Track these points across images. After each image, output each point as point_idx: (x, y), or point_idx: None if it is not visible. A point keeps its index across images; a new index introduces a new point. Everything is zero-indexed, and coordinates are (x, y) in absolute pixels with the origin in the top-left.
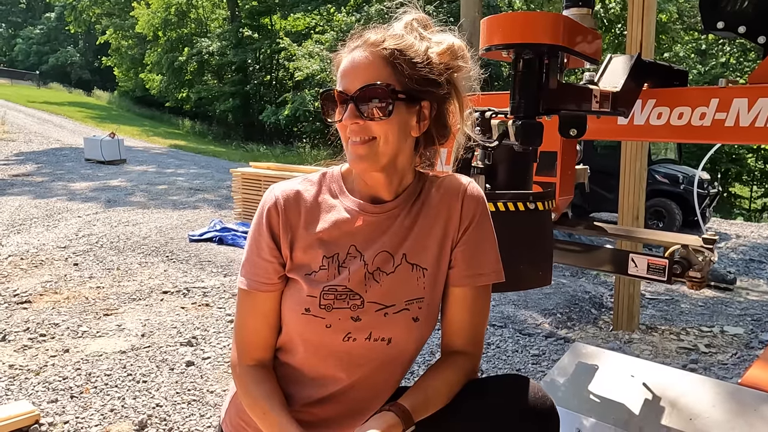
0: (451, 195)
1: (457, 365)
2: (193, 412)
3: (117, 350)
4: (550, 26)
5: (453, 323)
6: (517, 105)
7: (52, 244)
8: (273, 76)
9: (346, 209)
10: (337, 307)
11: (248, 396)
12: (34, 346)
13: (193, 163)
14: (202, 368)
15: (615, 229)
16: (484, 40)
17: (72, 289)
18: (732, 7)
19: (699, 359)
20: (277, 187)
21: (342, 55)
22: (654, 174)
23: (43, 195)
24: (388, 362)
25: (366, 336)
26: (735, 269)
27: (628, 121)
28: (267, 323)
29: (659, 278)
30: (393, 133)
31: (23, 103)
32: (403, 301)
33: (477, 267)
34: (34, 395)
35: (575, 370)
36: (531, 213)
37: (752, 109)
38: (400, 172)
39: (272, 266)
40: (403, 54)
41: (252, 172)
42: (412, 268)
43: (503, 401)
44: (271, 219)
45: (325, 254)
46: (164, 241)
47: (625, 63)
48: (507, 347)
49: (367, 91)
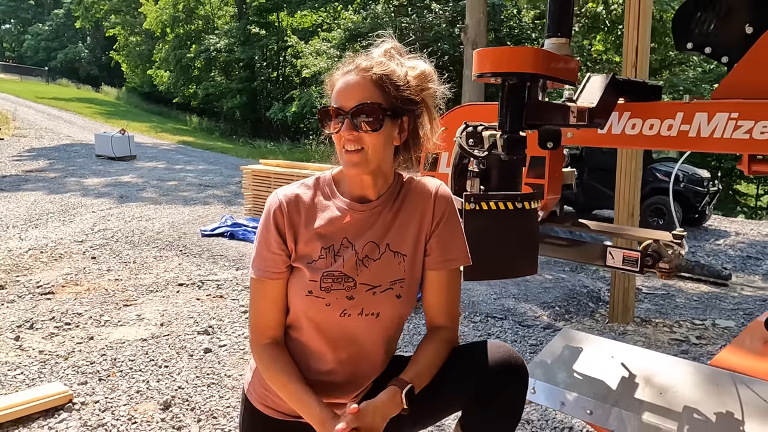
0: (425, 195)
1: (440, 337)
2: (213, 394)
3: (138, 338)
4: (531, 58)
5: (433, 303)
6: (503, 121)
7: (70, 238)
8: (280, 73)
9: (338, 208)
10: (335, 289)
11: (269, 371)
12: (61, 334)
13: (201, 159)
14: (219, 355)
15: (597, 225)
16: (476, 67)
17: (92, 281)
18: (699, 30)
19: (689, 350)
20: (280, 192)
21: (336, 77)
22: (655, 172)
23: (57, 191)
24: (377, 334)
25: (359, 312)
26: (732, 265)
27: (607, 130)
28: (276, 306)
29: (632, 269)
30: (380, 144)
31: (33, 99)
32: (388, 282)
33: (448, 254)
34: (65, 378)
35: (562, 351)
36: (519, 211)
37: (711, 122)
38: (383, 175)
39: (280, 258)
40: (388, 78)
41: (262, 170)
42: (395, 255)
43: (483, 358)
44: (277, 219)
45: (322, 246)
46: (177, 235)
47: (602, 81)
48: (506, 338)
49: (361, 109)
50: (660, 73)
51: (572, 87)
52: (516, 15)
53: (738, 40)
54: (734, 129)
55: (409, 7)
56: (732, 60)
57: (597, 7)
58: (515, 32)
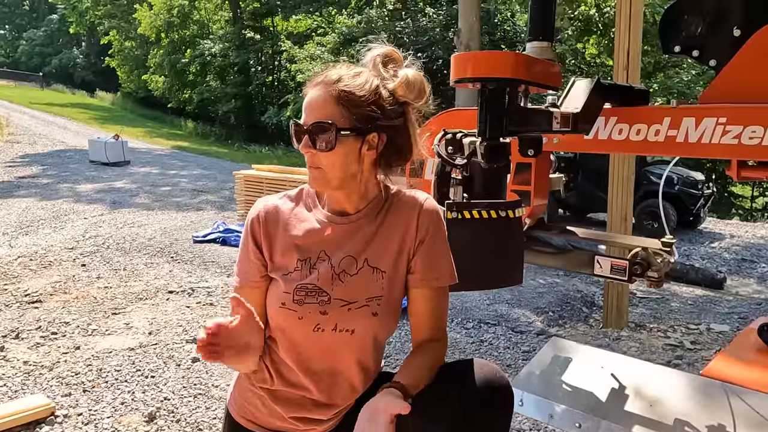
0: (409, 209)
1: (428, 351)
2: (200, 405)
3: (126, 347)
4: (510, 63)
5: (419, 319)
6: (483, 128)
7: (60, 245)
8: (275, 77)
9: (318, 220)
10: (308, 302)
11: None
12: (47, 344)
13: (196, 164)
14: (207, 364)
15: (585, 233)
16: (454, 73)
17: (81, 289)
18: (686, 32)
19: (684, 355)
20: (260, 202)
21: (307, 89)
22: (649, 175)
23: (49, 197)
24: (351, 351)
25: (332, 327)
26: (726, 269)
27: (593, 136)
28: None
29: (621, 278)
30: (337, 162)
31: (27, 105)
32: (364, 299)
33: (433, 272)
34: (49, 389)
35: (551, 362)
36: (503, 220)
37: (699, 127)
38: (358, 189)
39: (256, 267)
40: (350, 95)
41: (254, 175)
42: (373, 270)
43: (467, 377)
44: (254, 229)
45: (299, 257)
46: (169, 242)
47: (586, 86)
48: (499, 344)
49: (316, 128)
50: (654, 76)
51: (555, 93)
52: (510, 19)
53: (726, 43)
54: (722, 134)
55: (404, 11)
56: (720, 63)
57: (590, 10)
58: (509, 36)
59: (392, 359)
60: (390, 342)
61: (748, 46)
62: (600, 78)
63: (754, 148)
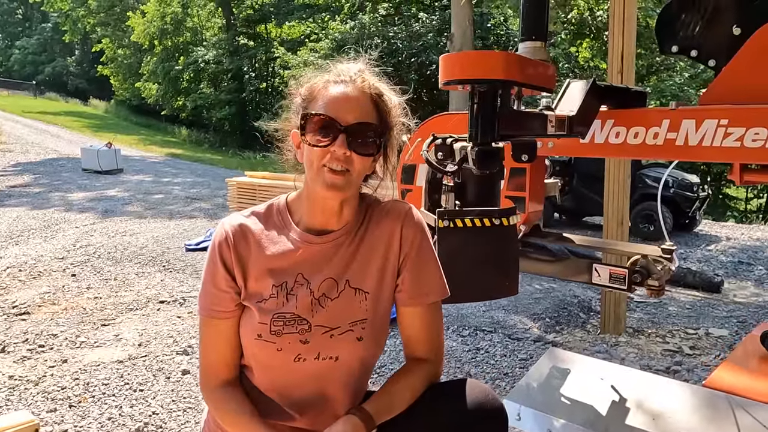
0: (390, 222)
1: (419, 371)
2: (189, 419)
3: (114, 360)
4: (501, 63)
5: (411, 337)
6: (474, 132)
7: (50, 255)
8: (269, 84)
9: (292, 241)
10: (287, 333)
11: (219, 411)
12: (33, 357)
13: (189, 171)
14: (198, 376)
15: (582, 240)
16: (442, 75)
17: (70, 300)
18: (684, 32)
19: (683, 361)
20: (227, 222)
21: (318, 83)
22: (644, 178)
23: (40, 206)
24: (338, 378)
25: (315, 356)
26: (723, 272)
27: (590, 139)
28: (229, 345)
29: (620, 287)
30: (365, 168)
31: (19, 114)
32: (347, 323)
33: (423, 287)
34: (34, 405)
35: (548, 374)
36: (497, 228)
37: (699, 130)
38: (350, 201)
39: (229, 296)
40: (384, 102)
41: (247, 182)
42: (355, 292)
43: (458, 402)
44: (223, 253)
45: (274, 283)
46: (161, 250)
47: (582, 87)
48: (496, 352)
49: (361, 128)
50: (647, 79)
51: (549, 95)
52: (503, 23)
53: (725, 42)
54: (724, 136)
55: (397, 16)
56: (719, 63)
57: (583, 14)
58: (503, 40)
59: (386, 369)
60: (385, 351)
61: (750, 44)
62: (596, 79)
63: (757, 150)
